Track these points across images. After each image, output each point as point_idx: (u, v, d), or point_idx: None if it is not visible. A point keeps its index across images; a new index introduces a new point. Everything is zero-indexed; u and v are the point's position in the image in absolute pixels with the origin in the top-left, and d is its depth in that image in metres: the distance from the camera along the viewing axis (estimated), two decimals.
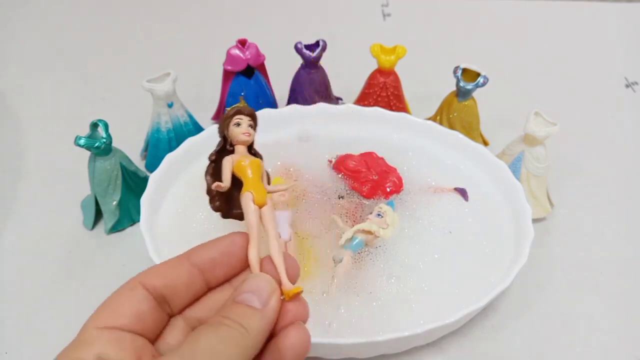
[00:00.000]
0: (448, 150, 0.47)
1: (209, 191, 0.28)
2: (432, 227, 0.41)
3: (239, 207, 0.27)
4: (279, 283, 0.24)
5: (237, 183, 0.28)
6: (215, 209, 0.28)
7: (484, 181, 0.44)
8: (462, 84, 0.48)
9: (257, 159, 0.29)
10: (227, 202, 0.29)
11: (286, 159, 0.46)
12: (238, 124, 0.29)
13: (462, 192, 0.42)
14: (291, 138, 0.48)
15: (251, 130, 0.29)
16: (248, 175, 0.27)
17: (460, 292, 0.36)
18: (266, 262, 0.25)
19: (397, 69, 0.51)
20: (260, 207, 0.27)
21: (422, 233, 0.40)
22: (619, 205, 0.49)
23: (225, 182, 0.27)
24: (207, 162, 0.29)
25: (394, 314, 0.35)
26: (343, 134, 0.48)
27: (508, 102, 0.57)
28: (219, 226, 0.41)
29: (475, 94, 0.49)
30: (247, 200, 0.26)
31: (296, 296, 0.24)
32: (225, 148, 0.29)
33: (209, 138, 0.45)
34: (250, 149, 0.30)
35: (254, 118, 0.30)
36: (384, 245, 0.39)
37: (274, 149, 0.46)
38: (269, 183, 0.30)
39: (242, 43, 0.49)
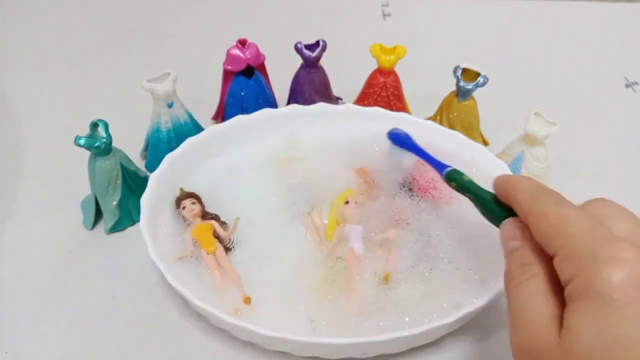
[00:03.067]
0: (448, 150, 0.47)
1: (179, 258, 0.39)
2: (431, 225, 0.41)
3: None
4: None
5: None
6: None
7: (484, 181, 0.44)
8: (462, 84, 0.48)
9: (207, 223, 0.40)
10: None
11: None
12: (184, 208, 0.41)
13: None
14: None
15: (194, 206, 0.41)
16: (201, 237, 0.39)
17: (460, 292, 0.36)
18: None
19: (397, 69, 0.51)
20: (213, 253, 0.38)
21: (421, 232, 0.40)
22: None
23: (188, 251, 0.39)
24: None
25: (394, 313, 0.35)
26: (343, 134, 0.48)
27: (508, 102, 0.57)
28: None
29: (475, 94, 0.49)
30: (203, 254, 0.39)
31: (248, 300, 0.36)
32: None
33: (209, 138, 0.46)
34: (204, 215, 0.41)
35: (193, 195, 0.42)
36: (382, 244, 0.39)
37: (274, 148, 0.46)
38: (226, 229, 0.41)
39: (242, 43, 0.49)
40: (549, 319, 0.24)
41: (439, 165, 0.37)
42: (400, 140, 0.43)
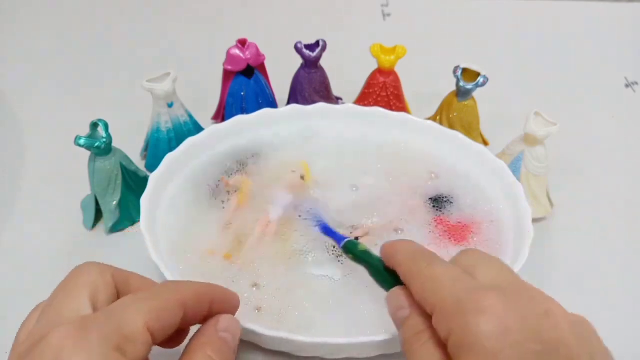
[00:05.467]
0: (448, 150, 0.47)
1: None
2: (430, 225, 0.41)
3: None
4: None
5: None
6: None
7: (484, 181, 0.44)
8: (462, 83, 0.48)
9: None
10: None
11: (287, 157, 0.46)
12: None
13: None
14: (292, 137, 0.48)
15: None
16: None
17: None
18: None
19: (397, 69, 0.51)
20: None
21: (420, 231, 0.41)
22: (619, 205, 0.49)
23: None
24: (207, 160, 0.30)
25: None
26: (343, 134, 0.48)
27: (508, 102, 0.57)
28: (218, 225, 0.41)
29: (475, 94, 0.49)
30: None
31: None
32: None
33: (209, 138, 0.46)
34: None
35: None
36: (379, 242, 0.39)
37: (273, 148, 0.47)
38: None
39: (242, 43, 0.49)
40: None
41: (338, 238, 0.38)
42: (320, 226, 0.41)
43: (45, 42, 0.69)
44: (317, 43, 0.49)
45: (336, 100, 0.55)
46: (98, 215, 0.45)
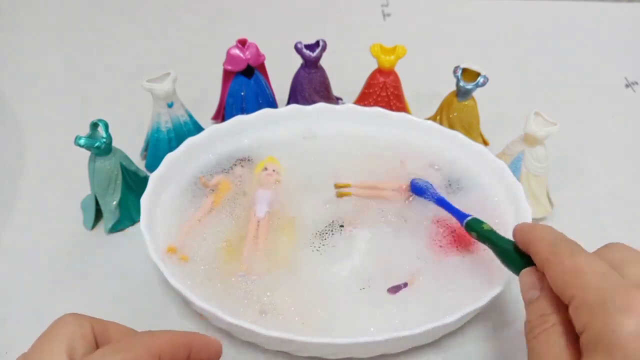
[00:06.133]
0: (448, 150, 0.47)
1: None
2: (430, 224, 0.41)
3: None
4: None
5: None
6: None
7: (484, 181, 0.44)
8: (462, 83, 0.48)
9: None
10: None
11: (287, 157, 0.46)
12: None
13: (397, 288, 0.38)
14: (293, 137, 0.48)
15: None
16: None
17: (460, 292, 0.36)
18: None
19: (397, 69, 0.51)
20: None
21: (420, 231, 0.41)
22: (619, 205, 0.49)
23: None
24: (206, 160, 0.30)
25: (394, 312, 0.36)
26: (343, 134, 0.48)
27: (508, 102, 0.57)
28: (217, 226, 0.41)
29: (475, 94, 0.49)
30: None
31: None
32: None
33: (209, 138, 0.46)
34: None
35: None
36: (381, 244, 0.39)
37: (274, 148, 0.47)
38: None
39: (242, 43, 0.49)
40: None
41: (459, 215, 0.38)
42: (420, 189, 0.43)
43: (45, 42, 0.69)
44: (317, 43, 0.49)
45: (336, 100, 0.55)
46: (98, 215, 0.44)
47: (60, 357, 0.25)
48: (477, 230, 0.35)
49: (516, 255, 0.31)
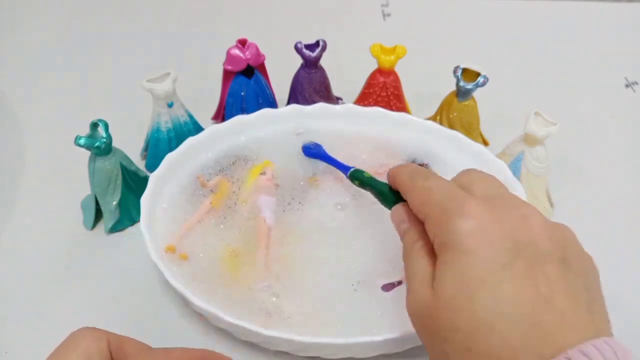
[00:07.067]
0: (448, 150, 0.47)
1: None
2: None
3: None
4: None
5: None
6: None
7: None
8: (462, 83, 0.48)
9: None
10: None
11: (287, 157, 0.46)
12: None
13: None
14: (293, 137, 0.48)
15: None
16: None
17: None
18: None
19: (397, 69, 0.51)
20: None
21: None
22: (619, 205, 0.49)
23: None
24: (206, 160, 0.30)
25: (394, 312, 0.36)
26: (343, 134, 0.48)
27: (508, 102, 0.57)
28: (218, 226, 0.41)
29: (475, 94, 0.49)
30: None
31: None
32: None
33: (209, 138, 0.46)
34: None
35: None
36: (380, 244, 0.39)
37: (273, 148, 0.47)
38: None
39: (242, 43, 0.49)
40: (426, 279, 0.26)
41: (343, 168, 0.42)
42: (312, 152, 0.46)
43: (45, 42, 0.69)
44: (317, 43, 0.49)
45: (336, 100, 0.55)
46: (98, 215, 0.45)
47: None
48: (359, 179, 0.38)
49: (390, 194, 0.34)
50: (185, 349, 0.29)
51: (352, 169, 0.40)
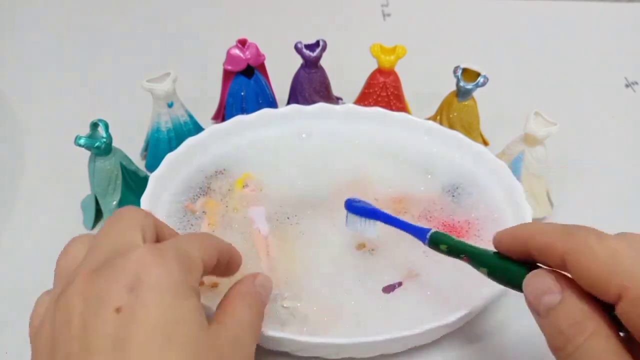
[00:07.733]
0: (448, 150, 0.47)
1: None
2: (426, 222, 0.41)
3: None
4: None
5: None
6: None
7: (483, 181, 0.44)
8: (462, 83, 0.48)
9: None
10: None
11: (287, 157, 0.46)
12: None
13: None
14: (291, 137, 0.48)
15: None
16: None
17: (460, 292, 0.36)
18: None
19: (397, 69, 0.51)
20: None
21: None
22: (619, 205, 0.49)
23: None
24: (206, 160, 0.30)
25: (395, 312, 0.36)
26: (343, 134, 0.48)
27: (508, 102, 0.57)
28: (218, 225, 0.41)
29: (475, 94, 0.49)
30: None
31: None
32: None
33: (209, 138, 0.46)
34: None
35: None
36: (382, 245, 0.39)
37: (273, 147, 0.47)
38: None
39: (242, 43, 0.49)
40: None
41: (418, 231, 0.33)
42: (361, 210, 0.37)
43: (45, 42, 0.69)
44: (317, 43, 0.49)
45: (336, 100, 0.55)
46: (98, 215, 0.45)
47: (138, 238, 0.26)
48: (447, 243, 0.31)
49: (508, 263, 0.27)
50: (214, 238, 0.30)
51: (431, 231, 0.32)
